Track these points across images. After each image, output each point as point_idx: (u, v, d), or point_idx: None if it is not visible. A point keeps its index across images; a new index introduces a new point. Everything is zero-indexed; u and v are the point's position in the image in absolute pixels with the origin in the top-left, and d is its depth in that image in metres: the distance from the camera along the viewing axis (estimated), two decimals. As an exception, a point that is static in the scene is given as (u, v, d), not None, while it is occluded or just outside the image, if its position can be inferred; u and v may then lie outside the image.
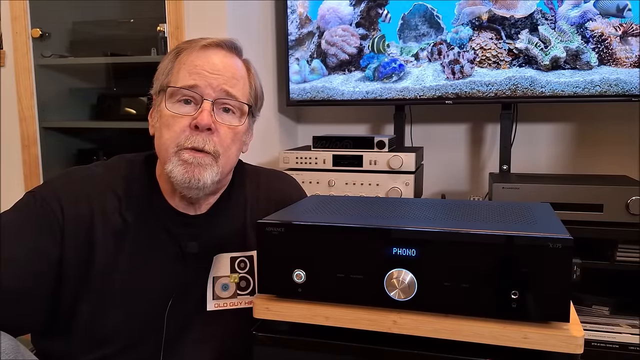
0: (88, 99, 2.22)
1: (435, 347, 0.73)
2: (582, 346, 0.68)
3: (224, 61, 0.93)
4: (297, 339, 0.78)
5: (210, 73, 0.91)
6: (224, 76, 0.92)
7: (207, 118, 0.89)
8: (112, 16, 2.15)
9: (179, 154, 0.90)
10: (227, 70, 0.93)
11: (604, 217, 1.60)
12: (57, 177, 0.98)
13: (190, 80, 0.90)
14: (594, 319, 1.69)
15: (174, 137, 0.90)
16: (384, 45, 1.98)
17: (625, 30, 1.74)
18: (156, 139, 0.95)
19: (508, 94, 1.87)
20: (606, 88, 1.78)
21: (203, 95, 0.90)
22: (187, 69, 0.91)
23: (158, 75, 0.96)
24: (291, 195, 1.08)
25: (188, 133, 0.90)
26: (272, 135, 2.21)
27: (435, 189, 2.22)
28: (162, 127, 0.92)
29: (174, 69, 0.93)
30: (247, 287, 1.00)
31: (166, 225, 0.95)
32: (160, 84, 0.94)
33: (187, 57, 0.93)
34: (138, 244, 0.93)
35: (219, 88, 0.91)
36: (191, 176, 0.89)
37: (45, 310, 0.89)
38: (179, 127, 0.90)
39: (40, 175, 1.99)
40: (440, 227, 0.74)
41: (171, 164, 0.90)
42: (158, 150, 0.94)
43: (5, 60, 1.95)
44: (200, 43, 0.93)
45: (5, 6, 1.93)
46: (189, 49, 0.94)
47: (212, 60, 0.92)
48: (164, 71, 0.94)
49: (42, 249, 0.87)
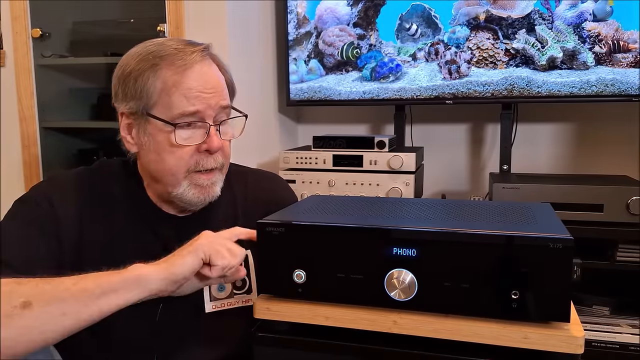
0: (88, 99, 2.22)
1: (435, 347, 0.73)
2: (582, 346, 0.68)
3: (211, 75, 0.91)
4: (297, 339, 0.78)
5: (206, 93, 0.89)
6: (217, 92, 0.91)
7: (218, 142, 0.90)
8: (112, 16, 2.15)
9: (190, 177, 0.91)
10: (217, 84, 0.92)
11: (604, 217, 1.59)
12: (42, 182, 0.99)
13: (190, 107, 0.88)
14: (594, 319, 1.69)
15: (182, 164, 0.90)
16: (353, 52, 1.99)
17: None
18: (150, 162, 0.92)
19: (505, 94, 1.87)
20: (602, 88, 1.78)
21: (205, 118, 0.90)
22: (181, 93, 0.88)
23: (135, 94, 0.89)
24: (279, 194, 1.08)
25: (197, 157, 0.90)
26: (272, 135, 2.20)
27: (436, 189, 2.22)
28: (163, 153, 0.90)
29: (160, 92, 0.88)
30: (243, 286, 1.00)
31: (153, 227, 0.95)
32: (144, 106, 0.89)
33: (175, 77, 0.88)
34: (125, 249, 0.92)
35: (216, 106, 0.91)
36: (206, 196, 0.93)
37: None
38: (187, 153, 0.90)
39: (41, 175, 1.99)
40: (441, 227, 0.74)
41: (182, 188, 0.91)
42: (156, 173, 0.92)
43: (5, 60, 1.95)
44: (184, 61, 0.88)
45: (5, 6, 1.93)
46: (170, 67, 0.88)
47: (204, 78, 0.90)
48: (146, 92, 0.88)
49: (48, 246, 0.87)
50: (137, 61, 0.90)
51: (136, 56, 0.91)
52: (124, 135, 0.94)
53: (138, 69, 0.89)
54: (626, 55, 1.75)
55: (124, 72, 0.91)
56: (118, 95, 0.93)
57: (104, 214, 0.93)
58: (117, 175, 0.98)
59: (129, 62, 0.91)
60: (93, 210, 0.93)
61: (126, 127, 0.94)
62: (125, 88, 0.91)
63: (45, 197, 0.91)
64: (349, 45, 1.99)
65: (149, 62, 0.89)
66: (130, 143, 0.94)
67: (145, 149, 0.92)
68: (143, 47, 0.92)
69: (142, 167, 0.96)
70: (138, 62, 0.90)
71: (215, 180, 0.93)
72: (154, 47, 0.91)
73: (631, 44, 1.74)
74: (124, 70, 0.91)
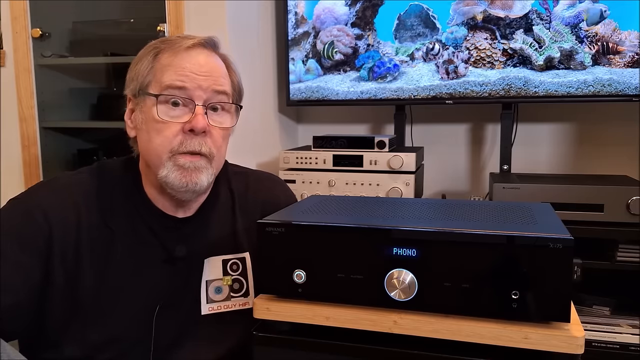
0: (88, 99, 2.22)
1: (435, 347, 0.73)
2: (582, 346, 0.68)
3: (209, 61, 0.92)
4: (298, 339, 0.78)
5: (198, 75, 0.90)
6: (212, 76, 0.91)
7: (202, 121, 0.89)
8: (112, 16, 2.15)
9: (174, 159, 0.89)
10: (214, 70, 0.92)
11: (604, 217, 1.59)
12: (42, 185, 0.97)
13: (177, 81, 0.89)
14: (594, 319, 1.69)
15: (166, 143, 0.89)
16: (333, 51, 1.99)
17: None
18: (142, 143, 0.93)
19: (502, 94, 1.87)
20: (599, 88, 1.78)
21: (193, 98, 0.89)
22: (173, 71, 0.89)
23: (135, 75, 0.93)
24: (279, 196, 1.08)
25: (181, 137, 0.89)
26: (272, 135, 2.20)
27: (436, 189, 2.22)
28: (151, 132, 0.90)
29: (155, 70, 0.91)
30: (240, 289, 1.00)
31: (153, 229, 0.95)
32: (140, 85, 0.92)
33: (170, 58, 0.91)
34: (125, 252, 0.92)
35: (209, 89, 0.91)
36: (188, 180, 0.90)
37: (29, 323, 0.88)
38: (171, 132, 0.89)
39: (41, 175, 1.99)
40: (441, 227, 0.74)
41: (165, 169, 0.89)
42: (146, 155, 0.93)
43: (5, 60, 1.95)
44: (182, 44, 0.91)
45: (5, 6, 1.93)
46: (169, 50, 0.91)
47: (198, 61, 0.91)
48: (142, 72, 0.92)
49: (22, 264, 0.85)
50: (144, 49, 0.95)
51: (146, 47, 0.95)
52: (126, 120, 0.97)
53: (142, 55, 0.94)
54: (613, 57, 1.75)
55: (134, 61, 0.95)
56: (126, 82, 0.96)
57: (104, 218, 0.93)
58: (117, 176, 0.98)
59: (140, 52, 0.95)
60: (92, 215, 0.92)
61: (129, 112, 0.96)
62: (130, 73, 0.94)
63: (41, 209, 0.89)
64: (329, 45, 1.99)
65: (153, 47, 0.93)
66: (130, 127, 0.96)
67: (140, 130, 0.93)
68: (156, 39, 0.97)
69: (140, 155, 0.97)
70: (144, 49, 0.95)
71: (199, 166, 0.90)
72: (163, 38, 0.95)
73: (620, 46, 1.74)
74: (134, 60, 0.95)
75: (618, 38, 1.75)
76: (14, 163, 1.99)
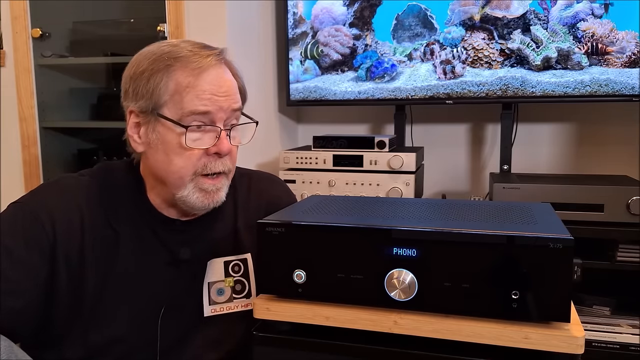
0: (88, 99, 2.22)
1: (435, 347, 0.73)
2: (582, 346, 0.67)
3: (225, 79, 0.91)
4: (298, 339, 0.78)
5: (219, 96, 0.89)
6: (229, 96, 0.91)
7: (227, 145, 0.91)
8: (112, 16, 2.15)
9: (196, 181, 0.90)
10: (230, 88, 0.91)
11: (604, 217, 1.59)
12: (46, 187, 0.96)
13: (202, 106, 0.88)
14: (594, 319, 1.69)
15: (190, 166, 0.89)
16: (318, 51, 1.99)
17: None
18: (158, 163, 0.91)
19: (499, 94, 1.87)
20: (596, 88, 1.78)
21: (216, 121, 0.89)
22: (194, 95, 0.87)
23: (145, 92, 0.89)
24: (281, 197, 1.08)
25: (205, 160, 0.90)
26: (272, 135, 2.20)
27: (436, 189, 2.22)
28: (171, 154, 0.89)
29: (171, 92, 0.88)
30: (242, 290, 1.00)
31: (157, 232, 0.95)
32: (154, 104, 0.88)
33: (189, 79, 0.87)
34: (129, 254, 0.92)
35: (228, 109, 0.91)
36: (210, 201, 0.92)
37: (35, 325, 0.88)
38: (196, 156, 0.89)
39: (41, 175, 1.99)
40: (441, 227, 0.74)
41: (186, 190, 0.90)
42: (163, 174, 0.91)
43: (5, 60, 1.95)
44: (199, 63, 0.88)
45: (5, 6, 1.93)
46: (184, 69, 0.88)
47: (218, 82, 0.89)
48: (155, 90, 0.88)
49: (31, 266, 0.86)
50: (151, 61, 0.89)
51: (150, 55, 0.90)
52: (131, 134, 0.93)
53: (151, 69, 0.89)
54: (601, 58, 1.75)
55: (136, 71, 0.91)
56: (128, 94, 0.92)
57: (108, 220, 0.92)
58: (120, 180, 0.97)
59: (141, 61, 0.91)
60: (96, 218, 0.92)
61: (134, 126, 0.92)
62: (137, 87, 0.90)
63: (47, 210, 0.89)
64: (313, 45, 1.99)
65: (163, 62, 0.88)
66: (137, 142, 0.92)
67: (152, 149, 0.91)
68: (157, 47, 0.92)
69: (148, 168, 0.95)
70: (152, 62, 0.89)
71: (220, 186, 0.93)
72: (168, 48, 0.90)
73: (609, 47, 1.74)
74: (136, 69, 0.91)
75: (615, 38, 1.75)
76: (14, 163, 1.99)
